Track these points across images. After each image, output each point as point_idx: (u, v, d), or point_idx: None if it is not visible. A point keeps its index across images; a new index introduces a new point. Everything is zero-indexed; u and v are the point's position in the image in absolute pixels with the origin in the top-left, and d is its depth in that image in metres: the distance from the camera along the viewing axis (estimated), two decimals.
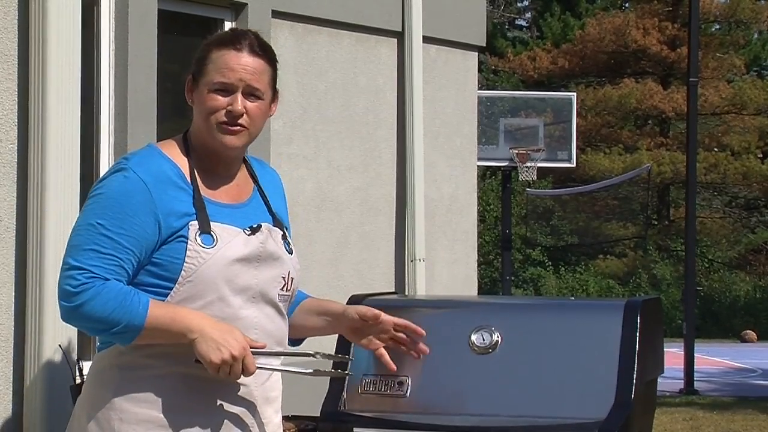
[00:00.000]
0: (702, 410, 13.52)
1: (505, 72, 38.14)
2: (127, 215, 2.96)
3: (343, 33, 7.62)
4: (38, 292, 5.25)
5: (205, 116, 3.06)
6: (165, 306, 2.97)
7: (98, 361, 3.11)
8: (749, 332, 29.09)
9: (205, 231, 3.01)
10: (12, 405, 5.35)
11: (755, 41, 38.35)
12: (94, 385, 3.09)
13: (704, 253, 34.07)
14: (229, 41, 3.07)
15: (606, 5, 39.52)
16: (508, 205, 22.39)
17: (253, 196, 3.18)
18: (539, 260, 35.61)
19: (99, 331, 2.99)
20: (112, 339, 3.00)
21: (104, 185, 3.02)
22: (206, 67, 3.06)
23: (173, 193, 3.02)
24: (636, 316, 3.94)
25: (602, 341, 3.96)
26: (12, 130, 5.38)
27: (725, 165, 33.76)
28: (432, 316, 4.39)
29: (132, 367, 3.01)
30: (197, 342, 2.92)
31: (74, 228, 3.03)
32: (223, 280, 3.02)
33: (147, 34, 6.32)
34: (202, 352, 2.92)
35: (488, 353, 4.04)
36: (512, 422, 3.91)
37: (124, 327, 2.94)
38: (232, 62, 3.05)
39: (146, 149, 3.10)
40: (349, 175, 7.56)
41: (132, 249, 2.97)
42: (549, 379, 3.96)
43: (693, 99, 16.53)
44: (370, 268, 7.72)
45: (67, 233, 5.30)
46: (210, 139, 3.07)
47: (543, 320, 4.25)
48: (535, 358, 4.03)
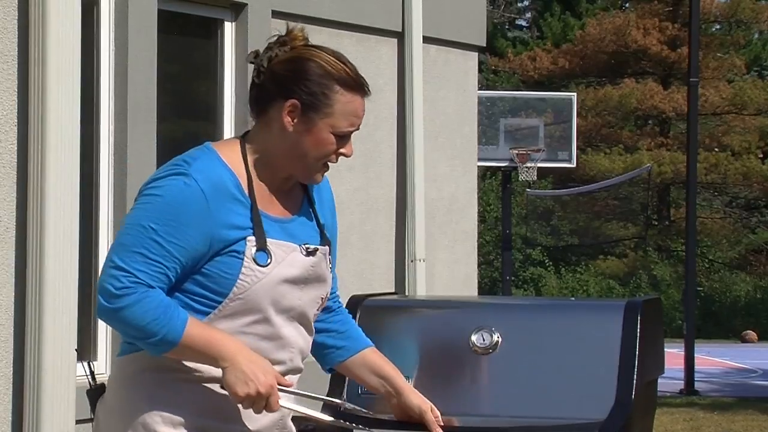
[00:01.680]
0: (702, 411, 13.50)
1: (506, 72, 38.14)
2: (181, 224, 2.90)
3: (343, 33, 7.62)
4: (38, 292, 5.25)
5: (315, 154, 3.00)
6: (202, 327, 2.92)
7: (126, 365, 3.03)
8: (750, 332, 29.08)
9: (261, 248, 2.96)
10: (12, 405, 5.35)
11: (756, 41, 38.34)
12: (124, 390, 3.01)
13: (705, 254, 34.06)
14: (357, 87, 3.01)
15: (606, 5, 39.50)
16: (509, 205, 22.39)
17: (303, 208, 3.11)
18: (539, 260, 35.60)
19: (132, 337, 2.93)
20: (142, 347, 2.94)
21: (163, 187, 2.94)
22: (332, 108, 2.97)
23: (230, 205, 2.95)
24: (636, 317, 3.94)
25: (602, 341, 3.96)
26: (12, 130, 5.38)
27: (726, 165, 33.74)
28: (432, 317, 4.39)
29: (166, 371, 2.97)
30: (227, 371, 2.90)
31: (125, 224, 2.95)
32: (271, 300, 2.98)
33: (147, 34, 6.31)
34: (229, 382, 2.89)
35: (488, 353, 4.03)
36: (512, 422, 3.91)
37: (159, 339, 2.89)
38: (360, 111, 3.01)
39: (206, 153, 3.01)
40: (349, 175, 7.56)
41: (179, 259, 2.91)
42: (549, 379, 3.96)
43: (693, 99, 16.52)
44: (370, 268, 7.72)
45: (67, 233, 5.33)
46: (298, 169, 3.02)
47: (543, 320, 4.24)
48: (536, 359, 4.02)
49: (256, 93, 3.04)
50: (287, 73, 2.98)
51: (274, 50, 3.01)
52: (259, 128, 3.04)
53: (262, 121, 3.02)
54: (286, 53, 3.00)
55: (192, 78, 7.09)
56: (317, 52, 3.00)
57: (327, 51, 3.02)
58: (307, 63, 2.98)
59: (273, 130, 3.00)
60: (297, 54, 3.00)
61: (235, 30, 7.00)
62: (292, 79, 2.97)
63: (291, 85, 2.97)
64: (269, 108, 3.01)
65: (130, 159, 6.23)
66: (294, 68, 2.98)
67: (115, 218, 6.21)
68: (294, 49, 3.01)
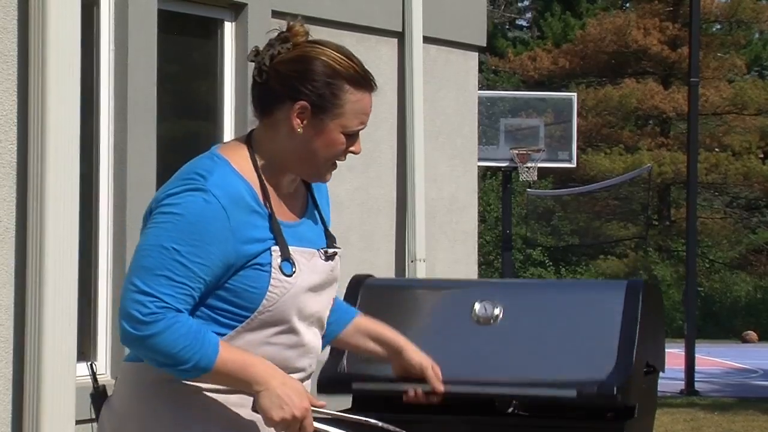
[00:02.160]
0: (703, 411, 13.50)
1: (506, 72, 38.17)
2: (204, 243, 2.80)
3: (343, 33, 7.62)
4: (38, 292, 5.25)
5: (325, 155, 2.92)
6: (234, 351, 2.84)
7: (139, 373, 2.93)
8: (750, 333, 29.10)
9: (286, 257, 2.89)
10: (12, 405, 5.35)
11: (756, 41, 38.37)
12: (143, 398, 2.92)
13: (705, 254, 34.09)
14: (366, 84, 2.92)
15: (606, 5, 39.53)
16: (509, 205, 22.40)
17: (308, 209, 3.05)
18: (540, 260, 35.63)
19: (159, 364, 2.81)
20: (170, 373, 2.83)
21: (181, 204, 2.81)
22: (342, 108, 2.88)
23: (249, 218, 2.86)
24: (638, 292, 3.95)
25: (604, 313, 3.97)
26: (12, 130, 5.38)
27: (726, 165, 33.77)
28: (434, 293, 4.40)
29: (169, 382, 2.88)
30: (261, 395, 2.83)
31: (144, 246, 2.82)
32: (296, 309, 2.92)
33: (147, 34, 6.31)
34: (264, 407, 2.83)
35: (490, 324, 4.04)
36: (512, 390, 3.92)
37: (191, 366, 2.79)
38: (368, 108, 2.93)
39: (219, 163, 2.89)
40: (349, 175, 7.56)
41: (204, 278, 2.81)
42: (550, 347, 3.97)
43: (694, 99, 16.52)
44: (370, 268, 7.71)
45: (66, 233, 5.33)
46: (308, 170, 2.95)
47: (545, 295, 4.27)
48: (537, 329, 4.04)
49: (259, 92, 2.93)
50: (293, 74, 2.88)
51: (275, 47, 2.91)
52: (265, 130, 2.93)
53: (268, 123, 2.92)
54: (289, 51, 2.90)
55: (192, 78, 7.09)
56: (322, 49, 2.90)
57: (331, 46, 2.93)
58: (313, 62, 2.88)
59: (281, 132, 2.91)
60: (302, 52, 2.90)
61: (235, 30, 7.00)
62: (299, 80, 2.87)
63: (298, 86, 2.87)
64: (275, 109, 2.90)
65: (130, 159, 6.22)
66: (300, 68, 2.88)
67: (115, 218, 6.21)
68: (297, 46, 2.91)
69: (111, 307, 6.19)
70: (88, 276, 6.12)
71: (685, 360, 15.83)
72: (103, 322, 6.17)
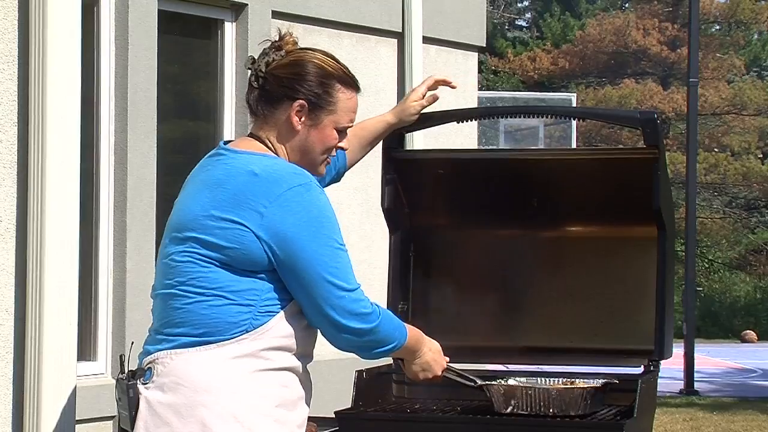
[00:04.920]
0: (702, 411, 13.50)
1: (506, 72, 38.13)
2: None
3: (343, 33, 7.62)
4: (38, 292, 5.25)
5: (321, 149, 3.23)
6: (407, 325, 3.24)
7: (212, 353, 3.06)
8: (749, 332, 29.08)
9: None
10: (12, 405, 5.35)
11: (755, 42, 38.35)
12: (217, 377, 3.05)
13: (704, 254, 34.08)
14: (353, 84, 3.28)
15: (606, 6, 39.52)
16: None
17: None
18: None
19: (371, 350, 3.14)
20: (370, 356, 3.17)
21: (316, 204, 3.11)
22: (335, 105, 3.21)
23: None
24: None
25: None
26: (12, 130, 5.38)
27: (725, 165, 33.76)
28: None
29: (248, 361, 3.06)
30: (414, 363, 3.33)
31: (321, 246, 3.10)
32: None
33: (147, 35, 6.32)
34: (414, 372, 3.34)
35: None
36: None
37: (396, 345, 3.19)
38: (356, 106, 3.28)
39: (287, 162, 3.20)
40: (349, 176, 7.53)
41: None
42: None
43: (693, 99, 16.51)
44: (370, 268, 7.72)
45: (66, 233, 5.33)
46: (305, 163, 3.21)
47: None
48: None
49: (258, 96, 3.22)
50: (290, 76, 3.19)
51: (270, 55, 3.22)
52: (267, 128, 3.22)
53: (269, 122, 3.21)
54: (283, 57, 3.21)
55: (192, 78, 7.09)
56: (313, 54, 3.25)
57: (320, 52, 3.28)
58: (307, 65, 3.21)
59: (281, 129, 3.20)
60: (295, 57, 3.22)
61: (236, 30, 7.00)
62: (296, 81, 3.19)
63: (296, 86, 3.19)
64: (275, 109, 3.20)
65: (130, 159, 6.23)
66: (296, 71, 3.20)
67: (115, 218, 6.21)
68: (289, 53, 3.22)
69: (111, 307, 6.19)
70: (88, 276, 6.12)
71: (684, 360, 15.82)
72: (103, 322, 6.18)
